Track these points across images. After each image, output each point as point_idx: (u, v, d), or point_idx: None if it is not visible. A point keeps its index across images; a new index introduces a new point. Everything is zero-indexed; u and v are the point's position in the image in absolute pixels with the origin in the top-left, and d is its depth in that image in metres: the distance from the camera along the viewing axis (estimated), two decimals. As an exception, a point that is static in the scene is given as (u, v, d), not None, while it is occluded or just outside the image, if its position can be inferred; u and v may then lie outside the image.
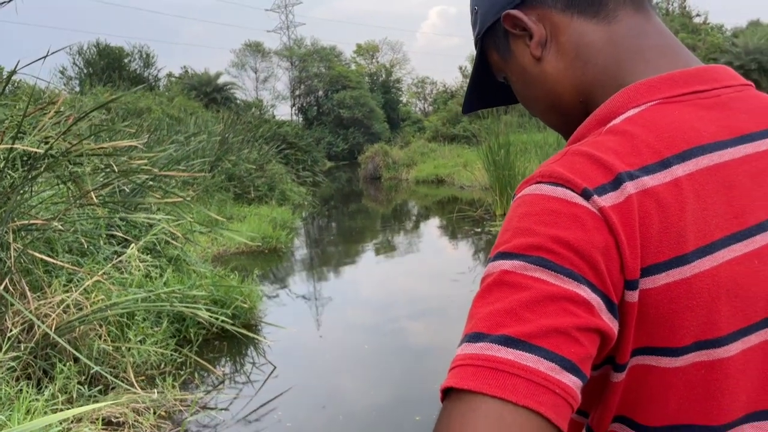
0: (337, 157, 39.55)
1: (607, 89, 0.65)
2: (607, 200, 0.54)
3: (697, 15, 29.87)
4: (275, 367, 4.59)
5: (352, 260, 9.58)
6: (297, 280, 8.11)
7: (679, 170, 0.56)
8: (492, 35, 0.74)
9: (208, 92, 34.71)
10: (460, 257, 8.89)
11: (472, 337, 0.53)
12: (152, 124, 12.35)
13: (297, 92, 48.80)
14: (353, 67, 52.10)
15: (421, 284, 7.41)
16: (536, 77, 0.71)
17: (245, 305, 5.32)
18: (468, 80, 0.84)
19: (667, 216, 0.54)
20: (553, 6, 0.67)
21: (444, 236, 11.26)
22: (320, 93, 47.55)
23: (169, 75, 36.30)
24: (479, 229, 10.06)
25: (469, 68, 33.02)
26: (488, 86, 0.83)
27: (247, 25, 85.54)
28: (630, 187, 0.54)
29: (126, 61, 31.11)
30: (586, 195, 0.54)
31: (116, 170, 4.63)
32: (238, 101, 37.58)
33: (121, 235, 5.43)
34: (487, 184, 12.50)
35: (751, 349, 0.56)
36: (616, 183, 0.55)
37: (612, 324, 0.54)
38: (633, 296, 0.54)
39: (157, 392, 3.93)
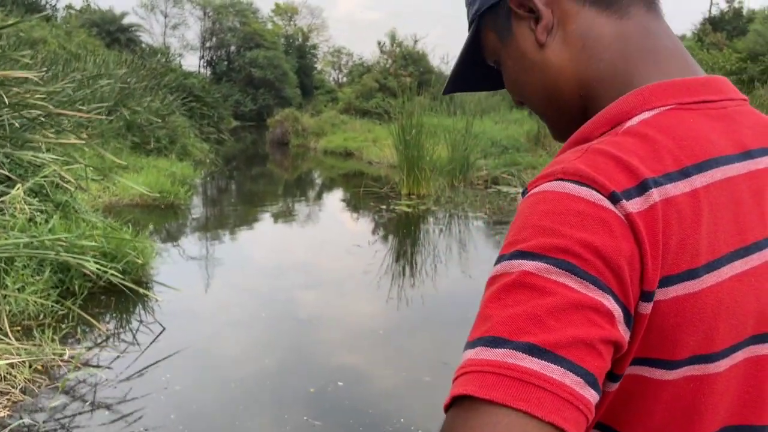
0: (244, 116, 38.46)
1: (612, 87, 0.63)
2: (634, 206, 0.52)
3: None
4: (164, 328, 4.42)
5: (252, 225, 9.38)
6: (193, 240, 7.85)
7: (698, 181, 0.55)
8: (492, 14, 0.70)
9: (112, 31, 32.59)
10: (360, 231, 8.93)
11: (491, 341, 0.49)
12: (47, 57, 11.40)
13: (208, 44, 46.83)
14: (270, 26, 50.66)
15: (319, 254, 7.38)
16: (536, 64, 0.67)
17: (138, 261, 5.08)
18: (456, 60, 0.78)
19: (685, 228, 0.53)
20: None
21: (347, 209, 11.26)
22: (232, 48, 45.88)
23: (69, 7, 33.66)
24: (384, 206, 10.14)
25: (388, 45, 32.98)
26: (476, 68, 0.78)
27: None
28: (655, 195, 0.52)
29: (20, -16, 28.44)
30: (614, 199, 0.52)
31: (6, 102, 4.23)
32: (143, 45, 35.51)
33: (4, 173, 4.99)
34: (395, 163, 12.60)
35: (736, 366, 0.57)
36: (642, 188, 0.52)
37: (626, 336, 0.52)
38: (647, 308, 0.52)
39: (34, 344, 3.68)
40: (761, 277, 0.57)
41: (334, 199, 12.99)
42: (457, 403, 0.48)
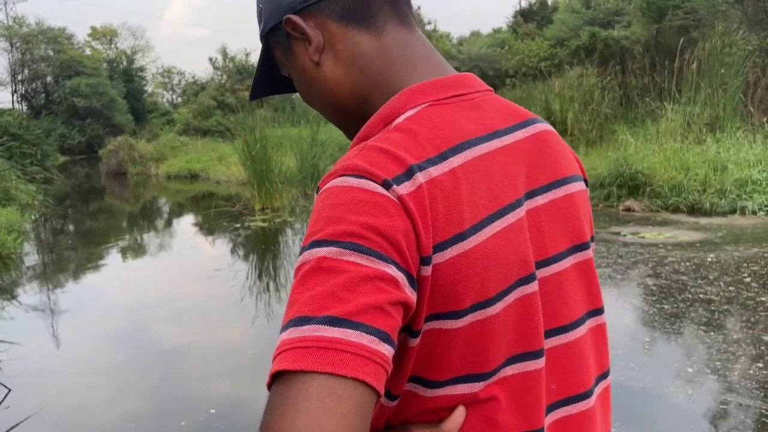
0: (72, 150, 35.68)
1: (382, 93, 0.74)
2: (403, 189, 0.62)
3: (429, 23, 32.85)
4: (9, 390, 4.00)
5: (97, 264, 8.74)
6: (31, 290, 7.16)
7: (455, 161, 0.66)
8: (276, 34, 0.79)
9: None
10: (218, 254, 8.66)
11: (298, 321, 0.56)
12: None
13: (19, 77, 42.81)
14: (88, 52, 47.38)
15: (176, 285, 7.06)
16: (316, 79, 0.77)
17: (-34, 323, 4.54)
18: (255, 68, 0.87)
19: (449, 200, 0.64)
20: (330, 16, 0.74)
21: (200, 233, 10.86)
22: (49, 79, 42.36)
23: None
24: (238, 224, 9.90)
25: (221, 61, 32.20)
26: (274, 77, 0.87)
27: (-50, -6, 72.01)
28: (420, 177, 0.63)
29: None
30: (386, 185, 0.62)
31: None
32: (-60, 84, 31.75)
33: None
34: (245, 179, 12.35)
35: (509, 306, 0.68)
36: (409, 174, 0.63)
37: (413, 296, 0.61)
38: (427, 270, 0.62)
39: None
40: (517, 232, 0.69)
41: (186, 224, 12.47)
42: (275, 380, 0.55)
